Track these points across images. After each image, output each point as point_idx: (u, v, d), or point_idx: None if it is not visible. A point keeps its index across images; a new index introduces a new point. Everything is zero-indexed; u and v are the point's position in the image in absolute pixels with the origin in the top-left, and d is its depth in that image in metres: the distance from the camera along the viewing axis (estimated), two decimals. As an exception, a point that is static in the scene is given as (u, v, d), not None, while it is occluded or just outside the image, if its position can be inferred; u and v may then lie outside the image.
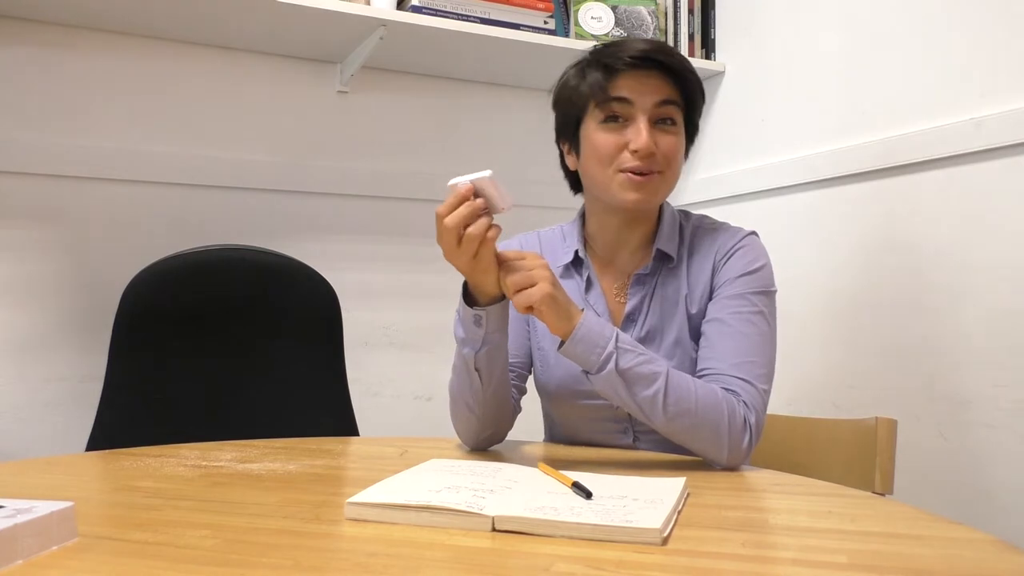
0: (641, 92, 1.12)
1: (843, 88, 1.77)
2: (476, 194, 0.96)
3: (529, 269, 0.98)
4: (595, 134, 1.14)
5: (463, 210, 0.95)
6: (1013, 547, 0.68)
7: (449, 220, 0.95)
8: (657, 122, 1.13)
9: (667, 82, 1.13)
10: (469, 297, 1.05)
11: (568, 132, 1.20)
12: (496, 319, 1.04)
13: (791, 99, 1.91)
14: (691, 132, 1.19)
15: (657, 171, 1.12)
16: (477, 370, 1.06)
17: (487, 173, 0.95)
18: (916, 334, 1.58)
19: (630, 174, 1.12)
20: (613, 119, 1.13)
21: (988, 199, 1.47)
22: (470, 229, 0.96)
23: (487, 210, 0.97)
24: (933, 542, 0.71)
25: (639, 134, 1.10)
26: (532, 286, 0.97)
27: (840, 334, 1.74)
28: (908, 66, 1.62)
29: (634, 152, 1.11)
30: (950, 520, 0.77)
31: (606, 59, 1.13)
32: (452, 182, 0.97)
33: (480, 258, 0.98)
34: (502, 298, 1.04)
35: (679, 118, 1.15)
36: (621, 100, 1.12)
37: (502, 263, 1.00)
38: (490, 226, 0.97)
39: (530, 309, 0.98)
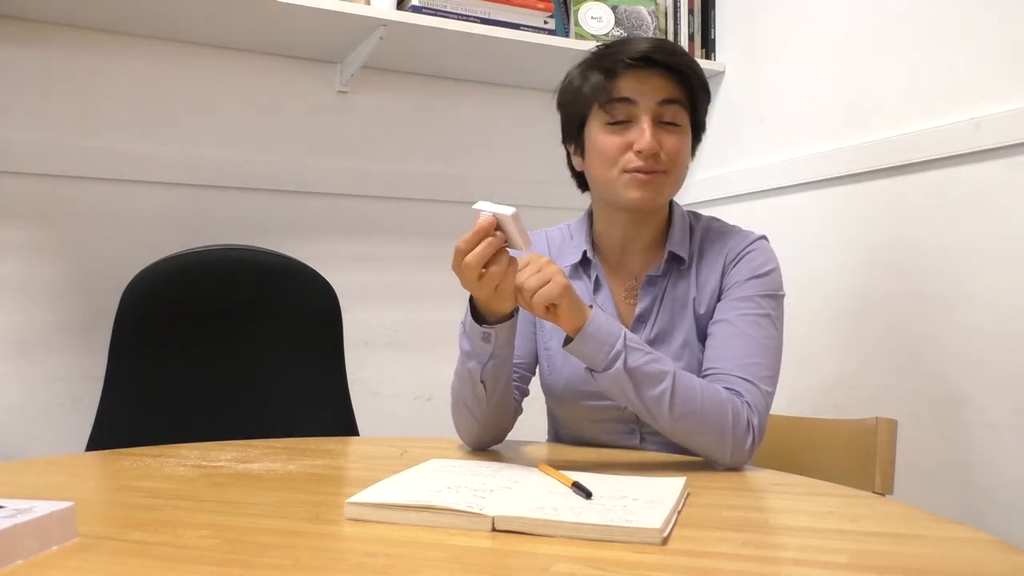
0: (643, 92, 1.11)
1: (843, 88, 1.77)
2: (498, 227, 0.93)
3: (538, 269, 0.97)
4: (599, 136, 1.14)
5: (484, 248, 0.93)
6: (1013, 547, 0.68)
7: (471, 258, 0.93)
8: (661, 122, 1.12)
9: (670, 81, 1.12)
10: (476, 313, 1.03)
11: (572, 133, 1.20)
12: (505, 335, 1.03)
13: (791, 99, 1.91)
14: (698, 130, 1.19)
15: (661, 171, 1.12)
16: (483, 382, 1.06)
17: (511, 210, 0.92)
18: (916, 334, 1.58)
19: (635, 174, 1.11)
20: (617, 120, 1.12)
21: (988, 199, 1.47)
22: (492, 268, 0.94)
23: (507, 243, 0.94)
24: (933, 542, 0.71)
25: (643, 134, 1.10)
26: (547, 283, 0.96)
27: (840, 334, 1.74)
28: (908, 66, 1.62)
29: (638, 152, 1.10)
30: (950, 520, 0.77)
31: (608, 60, 1.13)
32: (477, 206, 0.94)
33: (500, 290, 0.96)
34: (512, 315, 1.03)
35: (683, 117, 1.14)
36: (624, 100, 1.12)
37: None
38: (510, 261, 0.95)
39: (551, 308, 0.97)
